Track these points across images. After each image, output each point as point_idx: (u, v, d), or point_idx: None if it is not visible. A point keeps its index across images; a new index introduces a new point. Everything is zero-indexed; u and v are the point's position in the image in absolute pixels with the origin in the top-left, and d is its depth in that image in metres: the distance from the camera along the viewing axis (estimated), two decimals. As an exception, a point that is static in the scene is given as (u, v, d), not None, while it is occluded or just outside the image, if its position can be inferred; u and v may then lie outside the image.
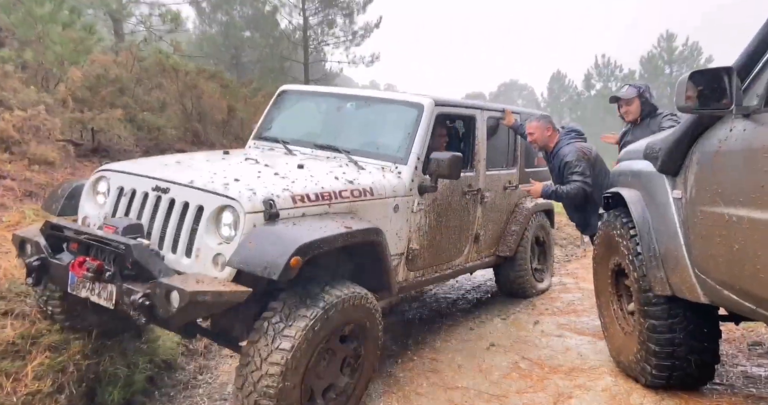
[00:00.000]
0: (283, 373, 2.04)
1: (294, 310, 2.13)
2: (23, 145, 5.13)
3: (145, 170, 2.50)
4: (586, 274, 5.04)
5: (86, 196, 2.63)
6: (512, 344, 3.44)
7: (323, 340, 2.23)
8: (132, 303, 2.04)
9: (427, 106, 3.11)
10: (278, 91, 3.73)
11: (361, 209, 2.62)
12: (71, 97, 7.29)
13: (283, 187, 2.34)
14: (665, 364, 2.35)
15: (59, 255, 2.38)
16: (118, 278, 2.15)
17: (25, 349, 2.73)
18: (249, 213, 2.14)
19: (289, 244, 2.02)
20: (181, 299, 1.94)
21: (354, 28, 16.68)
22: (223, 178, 2.32)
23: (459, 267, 3.61)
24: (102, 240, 2.20)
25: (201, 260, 2.20)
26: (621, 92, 3.61)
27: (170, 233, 2.30)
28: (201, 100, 9.61)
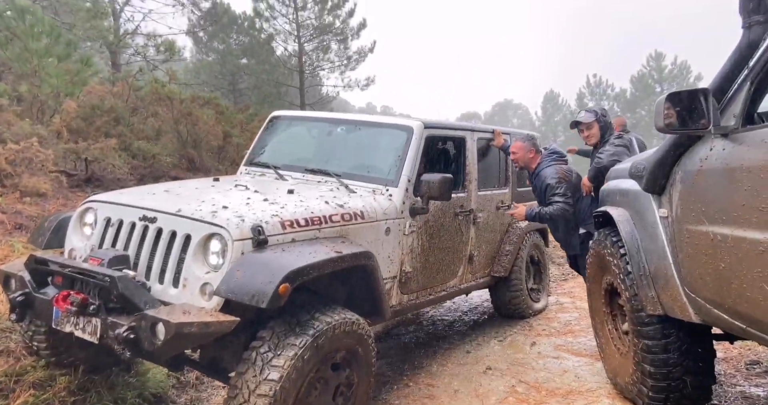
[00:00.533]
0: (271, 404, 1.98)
1: (282, 339, 2.09)
2: (15, 177, 5.14)
3: (132, 200, 2.48)
4: (583, 293, 4.96)
5: (73, 228, 2.60)
6: (509, 367, 3.37)
7: (314, 369, 2.17)
8: (116, 337, 2.00)
9: (416, 129, 3.15)
10: (269, 117, 3.76)
11: (352, 233, 2.60)
12: (66, 128, 7.35)
13: (273, 213, 2.32)
14: (661, 385, 2.30)
15: (44, 289, 2.34)
16: (103, 312, 2.11)
17: (8, 387, 2.66)
18: (237, 240, 2.11)
19: (277, 271, 1.99)
20: (167, 332, 1.91)
21: (348, 53, 17.04)
22: (211, 206, 2.30)
23: (454, 288, 3.57)
24: (86, 273, 2.17)
25: (188, 290, 2.16)
26: (580, 117, 3.71)
27: (157, 263, 2.26)
28: (196, 127, 9.69)
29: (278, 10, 16.80)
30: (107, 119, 8.06)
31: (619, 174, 2.84)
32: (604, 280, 2.86)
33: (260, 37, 19.26)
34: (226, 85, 19.75)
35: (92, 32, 10.51)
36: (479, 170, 3.72)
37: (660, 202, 2.22)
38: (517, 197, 4.22)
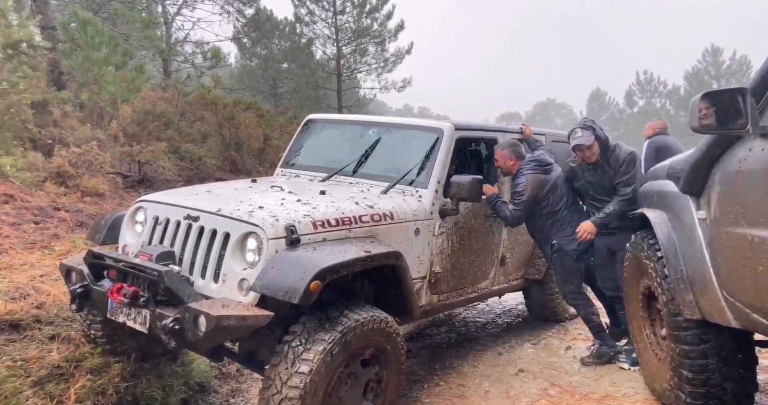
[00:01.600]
0: (302, 396, 2.08)
1: (312, 334, 2.19)
2: (77, 178, 5.54)
3: (177, 200, 2.65)
4: None
5: (126, 226, 2.81)
6: (542, 370, 3.34)
7: (342, 364, 2.26)
8: (163, 327, 2.15)
9: (446, 131, 3.19)
10: (304, 121, 3.89)
11: (381, 233, 2.67)
12: (122, 133, 7.85)
13: (305, 213, 2.43)
14: (699, 391, 2.23)
15: (101, 282, 2.54)
16: (152, 304, 2.26)
17: (69, 372, 2.89)
18: (271, 239, 2.22)
19: (309, 269, 2.08)
20: (207, 323, 2.03)
21: (386, 55, 17.15)
22: (248, 206, 2.43)
23: (485, 290, 3.57)
24: (137, 267, 2.35)
25: (227, 285, 2.29)
26: (578, 139, 3.27)
27: (199, 260, 2.42)
28: (238, 131, 10.09)
29: (318, 15, 17.15)
30: (158, 124, 8.53)
31: (657, 175, 2.77)
32: (642, 283, 2.80)
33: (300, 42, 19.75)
34: (268, 89, 20.37)
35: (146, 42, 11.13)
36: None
37: (698, 204, 2.16)
38: None
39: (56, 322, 3.18)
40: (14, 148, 5.61)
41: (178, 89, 10.18)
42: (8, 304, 2.98)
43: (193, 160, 8.89)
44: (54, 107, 6.89)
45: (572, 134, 3.33)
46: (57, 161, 5.54)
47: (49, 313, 3.19)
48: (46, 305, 3.22)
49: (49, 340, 3.03)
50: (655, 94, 33.56)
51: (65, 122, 6.98)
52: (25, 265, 3.59)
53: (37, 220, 4.40)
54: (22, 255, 3.72)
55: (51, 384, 2.75)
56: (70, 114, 7.36)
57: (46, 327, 3.10)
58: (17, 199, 4.56)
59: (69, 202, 5.08)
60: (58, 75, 8.40)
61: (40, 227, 4.32)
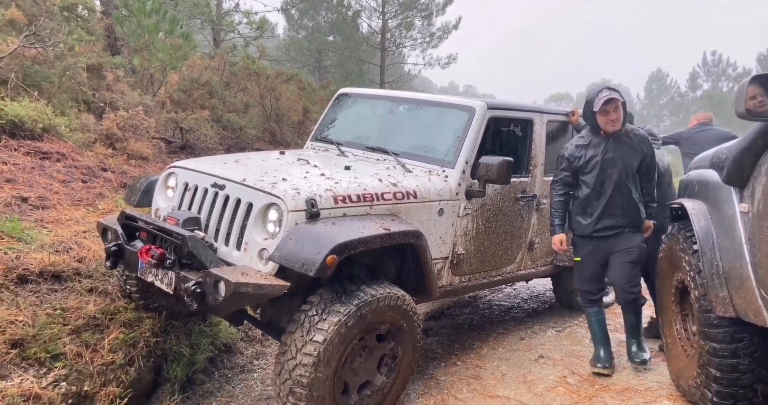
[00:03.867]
0: (315, 364, 2.15)
1: (329, 305, 2.23)
2: (124, 141, 5.78)
3: (206, 168, 2.71)
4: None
5: (158, 190, 2.91)
6: (563, 358, 3.28)
7: (357, 337, 2.30)
8: (186, 289, 2.23)
9: (478, 109, 3.08)
10: (336, 94, 3.88)
11: (403, 211, 2.64)
12: (169, 99, 8.09)
13: (326, 188, 2.44)
14: (727, 391, 2.13)
15: (133, 242, 2.66)
16: (177, 266, 2.35)
17: (104, 323, 3.07)
18: (292, 211, 2.26)
19: (326, 243, 2.12)
20: (226, 289, 2.09)
21: (432, 29, 16.65)
22: (272, 178, 2.46)
23: (510, 274, 3.50)
24: (164, 230, 2.44)
25: (249, 254, 2.35)
26: (612, 93, 2.84)
27: (224, 227, 2.48)
28: (279, 102, 10.18)
29: (366, -14, 16.78)
30: (203, 92, 8.73)
31: (700, 164, 2.59)
32: (675, 277, 2.67)
33: (347, 14, 19.50)
34: (313, 62, 20.38)
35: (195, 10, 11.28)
36: (547, 154, 3.55)
37: (741, 196, 1.99)
38: None
39: (95, 276, 3.37)
40: (69, 109, 5.89)
41: (225, 58, 10.34)
42: (52, 256, 3.17)
43: (234, 129, 9.08)
44: (107, 71, 7.16)
45: (598, 93, 2.90)
46: (106, 124, 5.79)
47: (89, 267, 3.38)
48: (86, 260, 3.42)
49: (88, 292, 3.22)
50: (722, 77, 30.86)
51: (117, 86, 7.24)
52: (71, 220, 3.81)
53: (84, 179, 4.63)
54: (68, 211, 3.94)
55: (87, 333, 2.93)
56: (122, 79, 7.62)
57: (85, 280, 3.29)
58: (68, 158, 4.81)
59: (115, 164, 5.32)
60: (113, 40, 8.68)
61: (87, 186, 4.56)
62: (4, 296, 2.73)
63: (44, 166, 4.53)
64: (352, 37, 18.75)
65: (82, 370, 2.65)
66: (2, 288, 2.77)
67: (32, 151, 4.64)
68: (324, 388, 2.21)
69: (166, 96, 8.17)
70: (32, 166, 4.39)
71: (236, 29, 11.56)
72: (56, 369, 2.56)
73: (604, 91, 2.90)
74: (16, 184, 3.99)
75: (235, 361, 3.65)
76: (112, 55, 8.31)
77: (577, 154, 2.99)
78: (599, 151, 2.94)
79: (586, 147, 2.99)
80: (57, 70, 5.91)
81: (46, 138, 4.92)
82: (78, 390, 2.55)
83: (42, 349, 2.56)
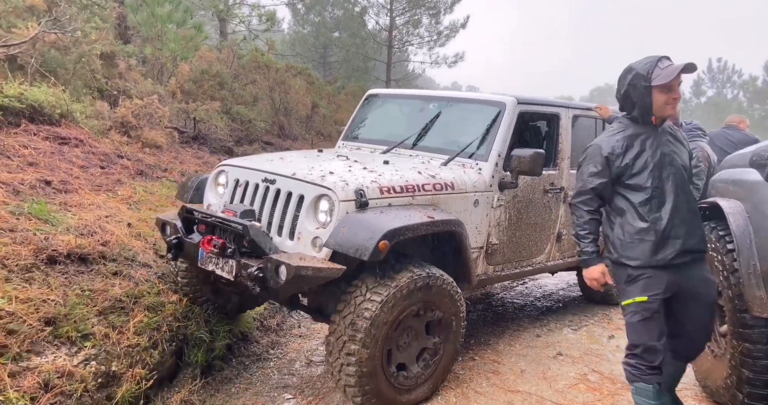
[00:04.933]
0: (362, 339, 2.27)
1: (373, 287, 2.36)
2: (138, 129, 5.78)
3: (256, 164, 2.85)
4: None
5: (209, 187, 3.04)
6: (582, 356, 3.29)
7: (401, 314, 2.42)
8: (248, 275, 2.34)
9: (509, 104, 3.17)
10: (366, 95, 4.00)
11: (442, 202, 2.75)
12: (179, 90, 8.08)
13: (372, 180, 2.56)
14: (760, 393, 2.15)
15: (191, 235, 2.79)
16: (237, 254, 2.47)
17: (128, 306, 3.09)
18: (342, 201, 2.38)
19: (378, 229, 2.24)
20: (287, 272, 2.21)
21: (439, 28, 16.67)
22: (319, 171, 2.59)
23: (540, 265, 3.58)
24: (225, 221, 2.55)
25: (302, 242, 2.47)
26: (681, 66, 2.08)
27: (276, 218, 2.60)
28: (288, 96, 10.19)
29: (374, -18, 16.77)
30: (213, 83, 8.72)
31: (734, 162, 2.61)
32: None
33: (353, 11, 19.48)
34: (318, 57, 20.36)
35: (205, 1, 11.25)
36: (573, 148, 3.62)
37: None
38: None
39: (119, 260, 3.38)
40: (83, 96, 5.88)
41: (234, 51, 10.33)
42: (78, 239, 3.18)
43: (243, 121, 9.08)
44: (120, 60, 7.14)
45: (657, 62, 2.11)
46: (121, 111, 5.78)
47: (113, 251, 3.39)
48: (110, 244, 3.43)
49: (113, 275, 3.23)
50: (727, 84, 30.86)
51: (129, 75, 7.23)
52: (92, 205, 3.81)
53: (102, 165, 4.63)
54: (89, 196, 3.95)
55: (113, 315, 2.95)
56: (134, 67, 7.61)
57: (110, 263, 3.30)
58: (86, 144, 4.80)
59: (130, 152, 5.32)
60: (124, 29, 8.66)
61: (105, 172, 4.56)
62: (36, 276, 2.74)
63: (63, 151, 4.53)
64: (358, 34, 18.73)
65: (110, 350, 2.68)
66: (34, 268, 2.78)
67: (51, 135, 4.63)
68: (372, 364, 2.32)
69: (177, 86, 8.16)
70: (52, 151, 4.39)
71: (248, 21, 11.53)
72: (86, 348, 2.58)
73: (665, 61, 2.12)
74: (38, 167, 3.99)
75: (251, 350, 3.67)
76: (124, 44, 8.30)
77: (619, 149, 2.10)
78: (649, 145, 2.11)
79: (631, 139, 2.13)
80: (73, 57, 5.90)
81: (63, 124, 4.91)
82: (107, 369, 2.57)
83: (73, 329, 2.58)
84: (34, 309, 2.51)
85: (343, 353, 2.29)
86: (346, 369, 2.31)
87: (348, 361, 2.29)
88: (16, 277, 2.67)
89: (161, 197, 4.52)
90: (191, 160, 5.96)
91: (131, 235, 3.69)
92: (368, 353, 2.28)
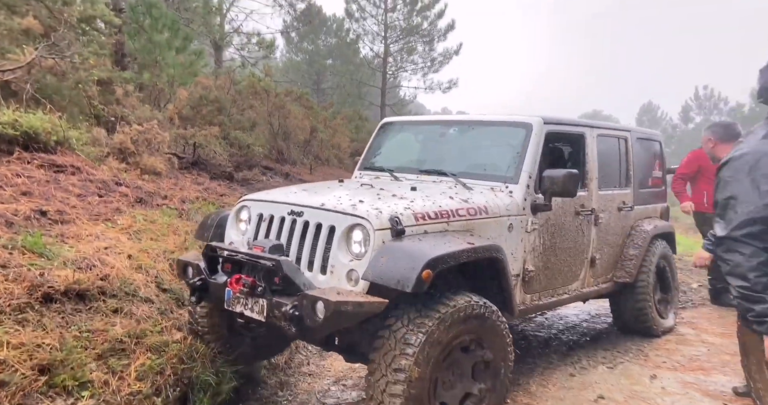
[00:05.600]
0: (407, 379, 2.09)
1: (414, 319, 2.19)
2: (137, 156, 5.57)
3: (281, 197, 2.73)
4: (708, 324, 4.42)
5: (231, 224, 2.89)
6: (626, 400, 2.99)
7: (446, 349, 2.25)
8: (283, 314, 2.18)
9: (536, 125, 3.07)
10: (381, 123, 3.89)
11: (477, 227, 2.61)
12: (177, 115, 7.93)
13: (405, 207, 2.42)
14: None
15: (214, 276, 2.61)
16: (268, 293, 2.31)
17: (130, 347, 2.83)
18: (378, 230, 2.25)
19: (419, 258, 2.10)
20: (326, 309, 2.05)
21: (433, 54, 16.96)
22: (349, 201, 2.47)
23: (575, 292, 3.40)
24: (255, 258, 2.39)
25: (335, 276, 2.32)
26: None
27: (306, 252, 2.45)
28: (287, 120, 10.09)
29: (368, 11, 17.13)
30: (211, 109, 8.60)
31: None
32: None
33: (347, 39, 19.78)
34: (311, 84, 20.52)
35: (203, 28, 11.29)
36: (599, 168, 3.51)
37: None
38: (640, 199, 3.94)
39: (119, 295, 3.12)
40: (80, 123, 5.69)
41: (231, 77, 10.28)
42: (76, 273, 2.93)
43: (242, 147, 8.92)
44: (117, 86, 7.00)
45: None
46: (119, 138, 5.58)
47: (113, 286, 3.14)
48: (110, 278, 3.17)
49: (113, 312, 2.97)
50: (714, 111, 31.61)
51: (127, 101, 7.07)
52: (91, 236, 3.57)
53: (100, 193, 4.40)
54: (87, 226, 3.70)
55: (113, 358, 2.69)
56: (132, 93, 7.46)
57: (110, 300, 3.05)
58: (83, 172, 4.58)
59: (129, 179, 5.09)
60: (121, 56, 8.57)
61: (104, 200, 4.32)
62: (30, 317, 2.47)
63: (59, 179, 4.29)
64: (352, 61, 18.97)
65: (109, 399, 2.42)
66: (28, 308, 2.52)
67: (46, 163, 4.40)
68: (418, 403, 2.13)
69: (175, 111, 8.02)
70: (47, 179, 4.16)
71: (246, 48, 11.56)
72: (83, 399, 2.31)
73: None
74: (32, 197, 3.75)
75: (259, 393, 3.38)
76: (122, 70, 8.19)
77: None
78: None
79: None
80: (69, 83, 5.74)
81: (59, 151, 4.69)
82: (107, 423, 2.29)
83: (70, 376, 2.32)
84: (27, 355, 2.25)
85: (386, 395, 2.09)
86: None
87: (393, 402, 2.09)
88: (9, 319, 2.41)
89: (162, 226, 4.28)
90: (191, 187, 5.74)
91: (132, 268, 3.44)
92: (413, 393, 2.09)
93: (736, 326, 4.47)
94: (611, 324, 4.43)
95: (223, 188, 6.16)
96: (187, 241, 4.19)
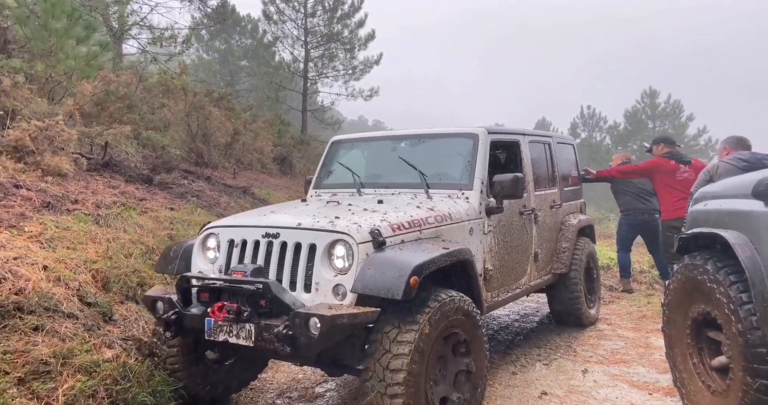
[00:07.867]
0: (405, 379, 2.16)
1: (404, 318, 2.28)
2: (37, 155, 4.89)
3: (251, 222, 2.71)
4: (620, 320, 4.86)
5: (197, 253, 2.80)
6: (567, 394, 3.15)
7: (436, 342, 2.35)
8: (275, 335, 2.16)
9: (482, 135, 3.36)
10: (330, 142, 3.98)
11: (444, 233, 2.76)
12: (78, 111, 7.09)
13: (380, 219, 2.53)
14: None
15: (189, 308, 2.52)
16: (255, 317, 2.28)
17: (56, 369, 2.50)
18: (360, 243, 2.33)
19: (405, 267, 2.19)
20: (322, 324, 2.08)
21: (354, 62, 17.07)
22: (324, 218, 2.53)
23: (525, 286, 3.68)
24: (238, 283, 2.34)
25: (321, 292, 2.35)
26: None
27: (287, 272, 2.45)
28: (207, 122, 9.51)
29: (288, 15, 16.81)
30: (120, 106, 7.83)
31: (725, 194, 2.56)
32: (694, 309, 2.59)
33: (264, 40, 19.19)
34: (224, 85, 19.57)
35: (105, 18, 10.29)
36: (533, 171, 3.89)
37: None
38: (565, 197, 4.41)
39: (38, 311, 2.75)
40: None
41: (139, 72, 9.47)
42: (-16, 288, 2.51)
43: (156, 148, 8.23)
44: (3, 76, 6.09)
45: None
46: (14, 134, 4.87)
47: (30, 301, 2.76)
48: (26, 292, 2.78)
49: (33, 331, 2.61)
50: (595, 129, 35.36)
51: (17, 93, 6.19)
52: (-6, 245, 3.08)
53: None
54: (-12, 233, 3.19)
55: (37, 382, 2.38)
56: (22, 85, 6.55)
57: (28, 316, 2.67)
58: (-28, 171, 3.93)
59: (30, 180, 4.47)
60: (4, 42, 7.47)
61: (3, 205, 3.75)
62: (-64, 342, 2.07)
63: (-58, 179, 3.65)
64: (268, 64, 18.44)
65: (35, 431, 2.11)
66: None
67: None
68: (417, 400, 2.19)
69: (75, 107, 7.18)
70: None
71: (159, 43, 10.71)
72: (5, 435, 1.99)
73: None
74: None
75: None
76: (7, 57, 7.15)
77: None
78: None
79: None
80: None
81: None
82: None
83: (-10, 410, 1.98)
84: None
85: (387, 397, 2.14)
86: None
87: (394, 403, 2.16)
88: None
89: (78, 233, 3.81)
90: (105, 191, 5.17)
91: (49, 280, 3.04)
92: (411, 391, 2.15)
93: (644, 322, 5.00)
94: (539, 322, 4.79)
95: (142, 192, 5.64)
96: (110, 250, 3.78)
